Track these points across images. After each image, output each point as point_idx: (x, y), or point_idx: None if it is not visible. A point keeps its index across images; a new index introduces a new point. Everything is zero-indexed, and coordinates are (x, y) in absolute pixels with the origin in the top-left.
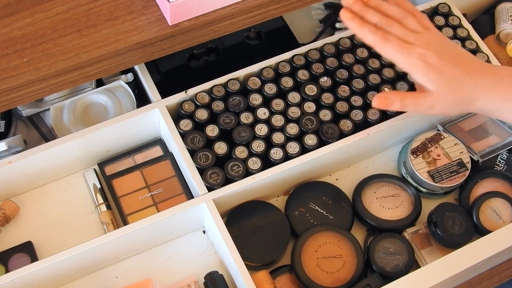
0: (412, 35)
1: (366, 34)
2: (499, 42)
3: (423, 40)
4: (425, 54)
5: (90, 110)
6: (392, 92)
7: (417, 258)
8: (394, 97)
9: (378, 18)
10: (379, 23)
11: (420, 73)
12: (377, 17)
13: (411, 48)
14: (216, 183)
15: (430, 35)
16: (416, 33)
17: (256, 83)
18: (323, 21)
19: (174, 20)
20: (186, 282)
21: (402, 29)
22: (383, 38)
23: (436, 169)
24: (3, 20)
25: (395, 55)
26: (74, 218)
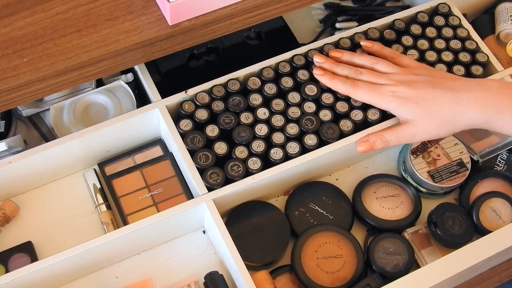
0: (382, 77)
1: (337, 85)
2: (499, 42)
3: (394, 79)
4: (395, 90)
5: (90, 110)
6: (371, 134)
7: (417, 258)
8: (373, 138)
9: (348, 70)
10: (349, 75)
11: (395, 107)
12: (347, 70)
13: (381, 87)
14: (216, 183)
15: (403, 72)
16: (387, 74)
17: (256, 83)
18: (323, 21)
19: (174, 20)
20: (186, 282)
21: (371, 74)
22: (353, 85)
23: (436, 169)
24: (3, 20)
25: (367, 96)
26: (74, 218)
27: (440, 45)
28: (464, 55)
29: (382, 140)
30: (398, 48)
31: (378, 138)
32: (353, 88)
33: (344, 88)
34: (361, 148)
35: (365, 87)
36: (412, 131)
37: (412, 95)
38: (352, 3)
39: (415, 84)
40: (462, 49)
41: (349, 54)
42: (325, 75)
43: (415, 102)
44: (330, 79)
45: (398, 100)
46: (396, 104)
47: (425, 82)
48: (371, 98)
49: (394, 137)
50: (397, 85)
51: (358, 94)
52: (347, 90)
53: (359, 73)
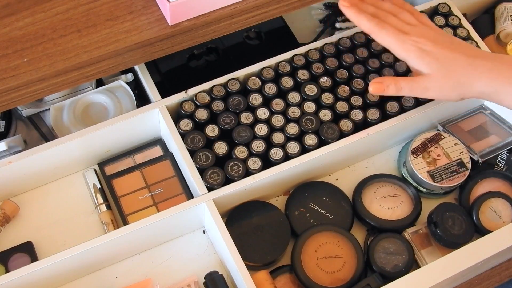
0: (407, 26)
1: (363, 21)
2: (499, 42)
3: (418, 31)
4: (419, 41)
5: (90, 110)
6: (387, 77)
7: (417, 258)
8: (388, 81)
9: (374, 10)
10: (375, 14)
11: (415, 58)
12: (373, 8)
13: (406, 35)
14: (216, 183)
15: (426, 28)
16: (411, 25)
17: (256, 83)
18: (323, 21)
19: (174, 20)
20: (186, 282)
21: (397, 20)
22: (379, 25)
23: (436, 169)
24: (3, 20)
25: (390, 41)
26: (74, 218)
27: None
28: None
29: (396, 86)
30: None
31: (393, 83)
32: (379, 28)
33: (369, 25)
34: (373, 89)
35: (390, 30)
36: (426, 85)
37: (434, 50)
38: None
39: (437, 41)
40: None
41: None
42: (352, 7)
43: (435, 58)
44: (357, 13)
45: (420, 51)
46: (417, 54)
47: (446, 42)
48: (394, 42)
49: (408, 86)
50: (420, 37)
51: (382, 35)
52: (371, 28)
53: (386, 15)
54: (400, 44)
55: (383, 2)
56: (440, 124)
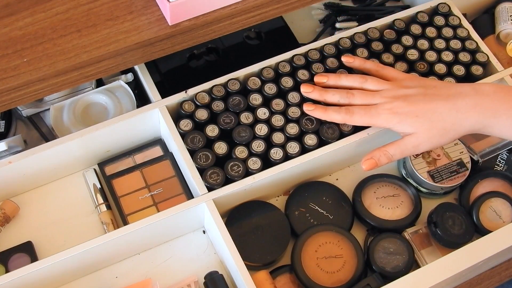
0: (375, 96)
1: (332, 115)
2: (499, 42)
3: (387, 96)
4: (393, 106)
5: (90, 110)
6: (374, 150)
7: (417, 258)
8: (377, 154)
9: (339, 96)
10: (341, 100)
11: (396, 124)
12: (338, 95)
13: (377, 108)
14: (216, 183)
15: (394, 87)
16: (379, 92)
17: (256, 83)
18: (323, 21)
19: (174, 20)
20: (186, 282)
21: (363, 94)
22: (348, 112)
23: (436, 169)
24: (3, 20)
25: (365, 120)
26: (74, 218)
27: (440, 45)
28: (464, 55)
29: (386, 156)
30: (398, 48)
31: (382, 154)
32: (349, 116)
33: (340, 117)
34: (366, 167)
35: (361, 111)
36: (415, 143)
37: (411, 109)
38: (352, 3)
39: (410, 98)
40: (462, 49)
41: (335, 76)
42: (317, 109)
43: (415, 116)
44: (324, 112)
45: (398, 116)
46: (397, 120)
47: (419, 94)
48: (370, 120)
49: (398, 151)
50: (392, 101)
51: (355, 120)
52: (343, 119)
53: (351, 95)
54: (376, 118)
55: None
56: None
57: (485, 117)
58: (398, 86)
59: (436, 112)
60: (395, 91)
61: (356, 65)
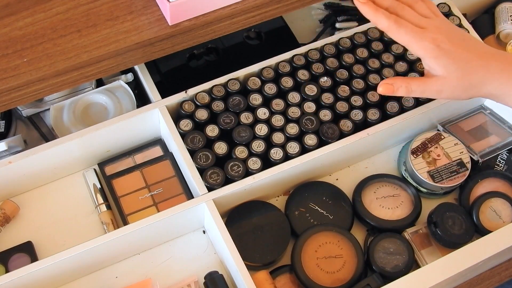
0: (423, 19)
1: (381, 19)
2: (499, 42)
3: (434, 25)
4: (437, 38)
5: (90, 110)
6: (397, 78)
7: (417, 258)
8: (399, 83)
9: (390, 2)
10: (391, 7)
11: (433, 57)
12: (389, 0)
13: (423, 32)
14: (216, 183)
15: (440, 20)
16: (427, 18)
17: (256, 83)
18: (323, 21)
19: (174, 20)
20: (186, 282)
21: (413, 13)
22: (397, 23)
23: (436, 169)
24: (3, 20)
25: (408, 39)
26: (74, 218)
27: None
28: None
29: (407, 88)
30: (398, 48)
31: (404, 85)
32: (397, 26)
33: (387, 23)
34: (383, 90)
35: (408, 28)
36: (439, 87)
37: (451, 49)
38: (352, 3)
39: (453, 38)
40: None
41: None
42: (369, 4)
43: (452, 58)
44: (374, 10)
45: (438, 50)
46: (435, 54)
47: (460, 38)
48: (411, 40)
49: (419, 89)
50: (436, 32)
51: (400, 33)
52: (389, 27)
53: (402, 8)
54: (418, 41)
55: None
56: (440, 124)
57: (508, 85)
58: (443, 21)
59: (469, 64)
60: (441, 23)
61: None
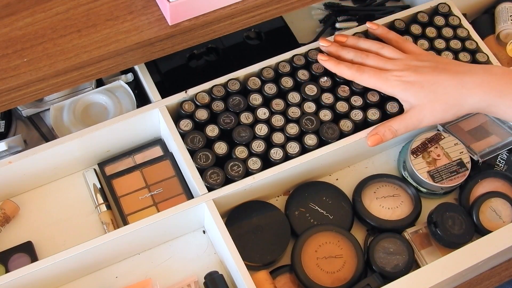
0: (388, 62)
1: (343, 69)
2: (499, 42)
3: (400, 64)
4: (401, 75)
5: (90, 110)
6: (378, 126)
7: (417, 258)
8: (382, 130)
9: (354, 54)
10: (354, 59)
11: (401, 91)
12: (352, 53)
13: (387, 72)
14: (216, 183)
15: (409, 58)
16: (393, 60)
17: (256, 83)
18: (323, 21)
19: (174, 20)
20: (186, 282)
21: (377, 59)
22: (359, 70)
23: (436, 169)
24: (3, 20)
25: (373, 81)
26: (74, 218)
27: (440, 45)
28: (464, 55)
29: (390, 131)
30: None
31: (387, 129)
32: (359, 73)
33: (350, 73)
34: (371, 142)
35: (371, 72)
36: (418, 117)
37: (418, 79)
38: (352, 3)
39: (421, 69)
40: (462, 49)
41: (354, 38)
42: (330, 60)
43: (420, 86)
44: (336, 64)
45: (404, 84)
46: (402, 88)
47: (430, 67)
48: (377, 83)
49: (402, 126)
50: (403, 70)
51: (364, 79)
52: (353, 75)
53: (365, 57)
54: (384, 82)
55: (364, 41)
56: (440, 124)
57: (491, 96)
58: (412, 58)
59: (441, 86)
60: (408, 61)
61: (379, 33)
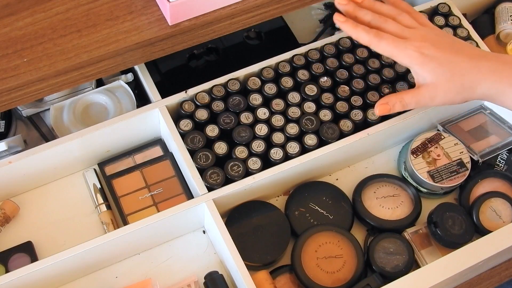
0: (406, 30)
1: (361, 34)
2: (499, 42)
3: (418, 34)
4: (421, 45)
5: (90, 110)
6: (390, 96)
7: (417, 258)
8: (393, 100)
9: (372, 16)
10: (372, 21)
11: (418, 64)
12: (370, 15)
13: (406, 41)
14: (216, 183)
15: (426, 29)
16: (411, 28)
17: (256, 83)
18: (323, 21)
19: (174, 20)
20: (186, 282)
21: (396, 25)
22: (378, 36)
23: (436, 169)
24: (3, 20)
25: (391, 50)
26: (74, 218)
27: None
28: None
29: (401, 103)
30: None
31: (398, 101)
32: (377, 39)
33: (367, 38)
34: (379, 111)
35: (389, 39)
36: (432, 94)
37: (437, 55)
38: None
39: (439, 44)
40: None
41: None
42: (348, 22)
43: (439, 63)
44: (354, 27)
45: (422, 57)
46: (420, 61)
47: (447, 44)
48: (395, 51)
49: (413, 100)
50: (421, 41)
51: (382, 45)
52: (370, 41)
53: (384, 21)
54: (402, 51)
55: (381, 5)
56: (440, 124)
57: (501, 84)
58: (429, 30)
59: (458, 66)
60: (427, 32)
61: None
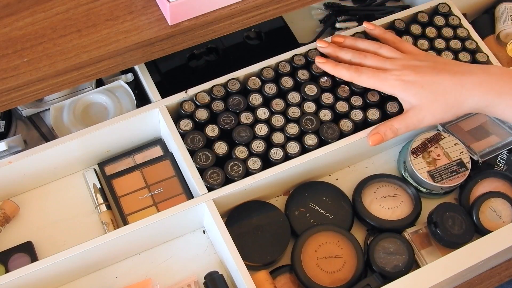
0: (388, 61)
1: (341, 71)
2: (499, 42)
3: (399, 64)
4: (401, 73)
5: (90, 110)
6: (379, 125)
7: (417, 258)
8: (383, 129)
9: (352, 54)
10: (353, 59)
11: (401, 90)
12: (350, 53)
13: (386, 72)
14: (216, 183)
15: (407, 57)
16: (392, 59)
17: (256, 83)
18: (323, 21)
19: (174, 20)
20: (186, 282)
21: (376, 58)
22: (357, 71)
23: (436, 169)
24: (3, 20)
25: (372, 82)
26: (74, 218)
27: (440, 45)
28: (464, 55)
29: (391, 130)
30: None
31: (388, 129)
32: (358, 74)
33: (348, 74)
34: (373, 141)
35: (369, 73)
36: (419, 117)
37: (417, 79)
38: (352, 3)
39: (420, 69)
40: (462, 49)
41: (352, 39)
42: (328, 62)
43: (420, 86)
44: (333, 66)
45: (404, 84)
46: (402, 87)
47: (429, 67)
48: (376, 83)
49: (402, 125)
50: (401, 69)
51: (362, 79)
52: (351, 76)
53: (363, 57)
54: (383, 82)
55: (363, 41)
56: (440, 124)
57: (490, 96)
58: (410, 58)
59: (441, 85)
60: (407, 61)
61: (376, 33)
